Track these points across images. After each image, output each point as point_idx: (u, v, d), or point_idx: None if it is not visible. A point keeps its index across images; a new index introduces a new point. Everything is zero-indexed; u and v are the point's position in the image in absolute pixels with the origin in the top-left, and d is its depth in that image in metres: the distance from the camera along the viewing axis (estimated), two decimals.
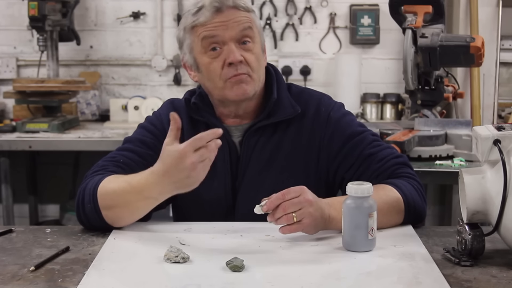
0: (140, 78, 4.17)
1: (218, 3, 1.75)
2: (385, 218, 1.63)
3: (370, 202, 1.51)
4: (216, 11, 1.75)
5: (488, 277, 1.37)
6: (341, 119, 1.84)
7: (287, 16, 4.11)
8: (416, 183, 1.75)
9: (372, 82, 4.12)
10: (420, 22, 3.02)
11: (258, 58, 1.79)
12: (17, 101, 3.80)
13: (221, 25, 1.75)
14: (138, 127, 1.90)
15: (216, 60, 1.76)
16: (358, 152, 1.79)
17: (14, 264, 1.46)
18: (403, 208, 1.69)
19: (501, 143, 1.43)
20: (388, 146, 1.84)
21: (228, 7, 1.76)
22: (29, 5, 3.55)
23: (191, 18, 1.78)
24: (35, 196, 4.11)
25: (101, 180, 1.68)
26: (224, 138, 1.82)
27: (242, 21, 1.76)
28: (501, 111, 3.80)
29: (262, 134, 1.83)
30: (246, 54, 1.76)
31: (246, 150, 1.83)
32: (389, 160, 1.78)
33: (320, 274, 1.38)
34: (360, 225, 1.50)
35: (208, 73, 1.78)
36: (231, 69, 1.75)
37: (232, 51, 1.74)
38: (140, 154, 1.80)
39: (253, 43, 1.78)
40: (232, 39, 1.75)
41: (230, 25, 1.75)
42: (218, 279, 1.35)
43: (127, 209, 1.65)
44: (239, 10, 1.77)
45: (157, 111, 1.93)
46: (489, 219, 1.46)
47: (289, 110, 1.83)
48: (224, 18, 1.75)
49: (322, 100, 1.87)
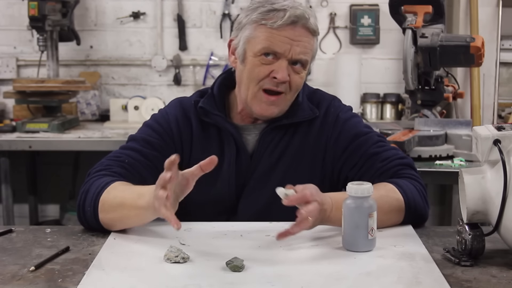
0: (140, 78, 4.17)
1: (296, 17, 1.72)
2: (385, 217, 1.63)
3: (370, 202, 1.51)
4: (291, 23, 1.72)
5: (488, 277, 1.37)
6: (348, 121, 1.86)
7: None
8: (418, 184, 1.75)
9: (372, 82, 4.12)
10: (420, 22, 3.02)
11: (302, 82, 1.79)
12: (17, 101, 3.80)
13: (288, 41, 1.72)
14: (144, 125, 1.88)
15: (264, 67, 1.75)
16: (362, 151, 1.80)
17: (14, 264, 1.46)
18: (404, 207, 1.69)
19: (501, 143, 1.43)
20: (393, 147, 1.84)
21: (302, 25, 1.73)
22: (29, 5, 3.55)
23: (263, 15, 1.73)
24: (35, 196, 4.11)
25: (105, 187, 1.66)
26: (232, 139, 1.82)
27: (306, 47, 1.75)
28: (501, 111, 3.80)
29: (277, 134, 1.84)
30: (293, 75, 1.76)
31: (260, 148, 1.83)
32: (393, 160, 1.78)
33: (320, 274, 1.38)
34: (360, 225, 1.50)
35: (250, 73, 1.77)
36: (272, 82, 1.75)
37: (282, 69, 1.73)
38: (145, 154, 1.79)
39: (304, 69, 1.78)
40: (289, 58, 1.74)
41: (295, 45, 1.73)
42: (218, 279, 1.35)
43: (126, 222, 1.64)
44: (309, 33, 1.75)
45: (164, 109, 1.90)
46: (489, 219, 1.46)
47: (307, 112, 1.84)
48: (293, 35, 1.73)
49: (333, 102, 1.89)
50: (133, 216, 1.62)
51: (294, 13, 1.72)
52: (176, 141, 1.83)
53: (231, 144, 1.83)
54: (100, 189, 1.66)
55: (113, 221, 1.65)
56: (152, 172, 1.77)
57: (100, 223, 1.66)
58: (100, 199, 1.65)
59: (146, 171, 1.77)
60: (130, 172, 1.75)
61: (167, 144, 1.82)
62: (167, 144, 1.82)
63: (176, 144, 1.83)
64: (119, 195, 1.64)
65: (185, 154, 1.83)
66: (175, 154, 1.47)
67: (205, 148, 1.83)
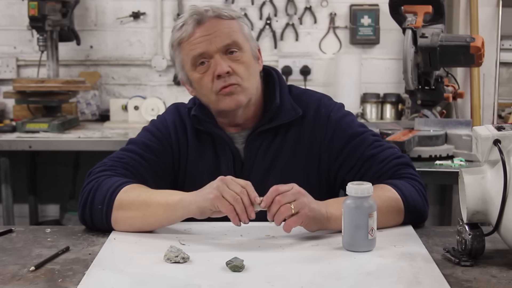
0: (140, 78, 4.17)
1: (198, 15, 1.75)
2: (384, 218, 1.63)
3: (370, 202, 1.51)
4: (197, 24, 1.75)
5: (488, 277, 1.37)
6: (342, 120, 1.84)
7: (287, 16, 4.11)
8: (417, 183, 1.75)
9: (372, 82, 4.11)
10: (420, 22, 3.02)
11: (248, 66, 1.78)
12: (17, 101, 3.80)
13: (205, 40, 1.74)
14: (143, 130, 1.89)
15: (206, 74, 1.77)
16: (359, 153, 1.79)
17: (14, 264, 1.46)
18: (403, 208, 1.69)
19: (501, 143, 1.43)
20: (389, 146, 1.84)
21: (209, 18, 1.75)
22: (29, 5, 3.55)
23: (176, 34, 1.78)
24: (35, 196, 4.11)
25: (121, 186, 1.67)
26: (227, 145, 1.83)
27: (226, 31, 1.75)
28: (501, 111, 3.80)
29: (264, 138, 1.84)
30: (234, 64, 1.76)
31: (250, 155, 1.83)
32: (391, 161, 1.78)
33: (320, 274, 1.39)
34: (360, 225, 1.50)
35: (200, 88, 1.80)
36: (220, 81, 1.75)
37: (218, 64, 1.74)
38: (145, 158, 1.80)
39: (241, 52, 1.77)
40: (217, 51, 1.75)
41: (213, 38, 1.74)
42: (218, 279, 1.35)
43: (149, 220, 1.64)
44: (222, 20, 1.76)
45: (163, 115, 1.92)
46: (489, 219, 1.46)
47: (290, 113, 1.83)
48: (206, 31, 1.75)
49: (322, 101, 1.87)
50: (160, 214, 1.62)
51: (194, 13, 1.75)
52: (174, 147, 1.85)
53: (227, 150, 1.84)
54: (115, 187, 1.67)
55: (132, 219, 1.64)
56: (152, 176, 1.79)
57: (109, 221, 1.66)
58: (117, 199, 1.65)
59: (147, 174, 1.79)
60: (134, 174, 1.76)
61: (165, 149, 1.84)
62: (165, 149, 1.84)
63: (173, 150, 1.85)
64: (143, 194, 1.65)
65: (182, 160, 1.85)
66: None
67: (200, 155, 1.85)
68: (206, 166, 1.84)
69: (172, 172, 1.85)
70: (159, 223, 1.65)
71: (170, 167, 1.84)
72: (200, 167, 1.85)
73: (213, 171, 1.82)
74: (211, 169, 1.83)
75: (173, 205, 1.61)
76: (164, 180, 1.83)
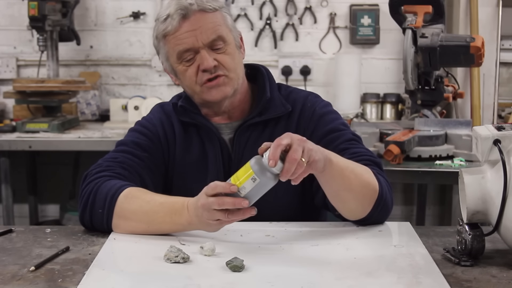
0: (140, 78, 4.17)
1: (183, 10, 1.74)
2: (359, 186, 1.62)
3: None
4: (182, 18, 1.74)
5: (488, 277, 1.37)
6: (325, 115, 1.85)
7: (287, 16, 4.11)
8: (385, 180, 1.72)
9: (372, 82, 4.11)
10: (420, 22, 3.02)
11: (233, 57, 1.79)
12: (17, 101, 3.80)
13: (190, 35, 1.75)
14: (130, 131, 1.90)
15: (191, 67, 1.78)
16: (333, 146, 1.76)
17: (14, 264, 1.46)
18: (377, 190, 1.65)
19: (501, 143, 1.43)
20: (366, 148, 1.82)
21: (194, 11, 1.75)
22: (29, 5, 3.55)
23: (161, 26, 1.78)
24: (35, 196, 4.11)
25: (120, 190, 1.66)
26: (214, 136, 1.83)
27: (210, 26, 1.75)
28: (501, 111, 3.80)
29: (253, 131, 1.84)
30: (220, 56, 1.77)
31: (238, 147, 1.84)
32: (362, 155, 1.76)
33: (320, 274, 1.39)
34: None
35: (185, 80, 1.80)
36: (205, 74, 1.76)
37: (205, 58, 1.75)
38: (139, 156, 1.81)
39: (226, 44, 1.78)
40: (203, 47, 1.75)
41: (199, 33, 1.75)
42: (218, 279, 1.35)
43: (153, 230, 1.64)
44: (207, 13, 1.76)
45: (148, 115, 1.93)
46: (489, 219, 1.46)
47: (280, 108, 1.85)
48: (191, 26, 1.75)
49: (309, 97, 1.90)
50: (166, 230, 1.63)
51: (179, 7, 1.74)
52: (163, 143, 1.86)
53: (214, 141, 1.84)
54: (114, 191, 1.66)
55: (135, 227, 1.64)
56: (147, 172, 1.80)
57: (110, 225, 1.66)
58: (118, 205, 1.65)
59: (143, 171, 1.80)
60: (131, 173, 1.76)
61: (155, 145, 1.85)
62: (155, 146, 1.85)
63: (163, 146, 1.86)
64: (145, 204, 1.64)
65: (171, 153, 1.86)
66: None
67: (186, 148, 1.86)
68: (193, 157, 1.85)
69: (163, 167, 1.86)
70: (162, 233, 1.66)
71: (162, 162, 1.86)
72: (187, 159, 1.85)
73: (201, 162, 1.83)
74: (199, 161, 1.84)
75: (182, 227, 1.61)
76: (158, 175, 1.84)
